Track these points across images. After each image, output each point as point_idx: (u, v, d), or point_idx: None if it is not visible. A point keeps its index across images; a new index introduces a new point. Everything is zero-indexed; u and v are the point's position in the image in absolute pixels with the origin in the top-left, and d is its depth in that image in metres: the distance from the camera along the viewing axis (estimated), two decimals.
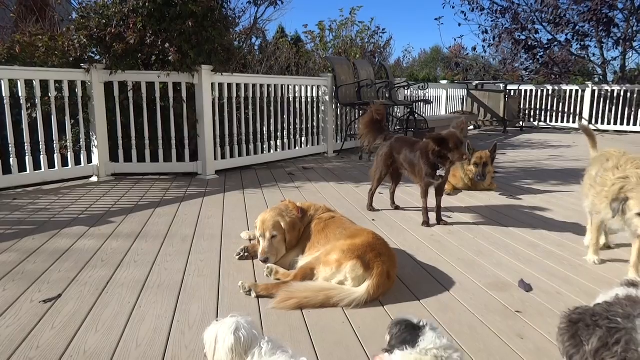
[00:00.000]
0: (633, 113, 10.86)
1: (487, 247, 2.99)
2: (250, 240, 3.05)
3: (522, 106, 12.12)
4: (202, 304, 2.18)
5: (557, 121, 11.84)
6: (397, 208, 3.96)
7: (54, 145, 4.71)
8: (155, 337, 1.88)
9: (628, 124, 10.92)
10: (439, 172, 3.40)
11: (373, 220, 3.61)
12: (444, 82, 12.04)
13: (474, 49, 14.92)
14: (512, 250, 2.95)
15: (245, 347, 1.42)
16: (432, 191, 3.56)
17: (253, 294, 2.23)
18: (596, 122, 11.25)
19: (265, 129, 6.18)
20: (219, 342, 1.43)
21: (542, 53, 13.25)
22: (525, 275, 2.52)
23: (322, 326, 1.97)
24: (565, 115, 11.70)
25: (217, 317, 2.03)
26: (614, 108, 11.03)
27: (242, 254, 2.75)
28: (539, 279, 2.49)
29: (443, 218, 3.58)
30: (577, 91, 11.42)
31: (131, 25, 4.77)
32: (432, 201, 3.55)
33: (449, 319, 2.05)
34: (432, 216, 3.53)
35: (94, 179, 5.05)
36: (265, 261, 2.56)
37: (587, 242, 2.88)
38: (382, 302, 2.18)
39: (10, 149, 4.40)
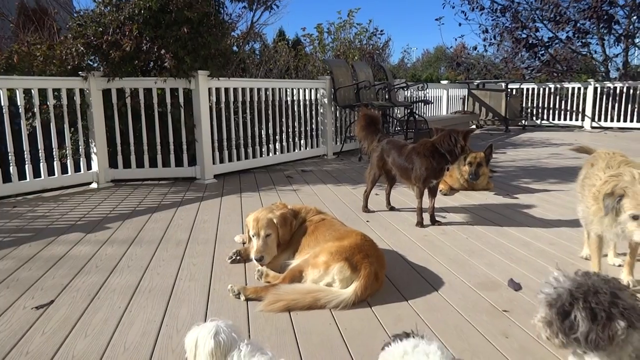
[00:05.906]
0: (636, 110, 10.78)
1: (479, 247, 2.99)
2: (243, 243, 3.07)
3: (524, 105, 12.08)
4: (191, 308, 2.20)
5: (559, 119, 11.79)
6: (392, 209, 3.97)
7: (54, 153, 4.76)
8: (143, 341, 1.90)
9: (632, 121, 10.85)
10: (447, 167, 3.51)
11: (367, 221, 3.62)
12: (445, 82, 12.02)
13: (475, 48, 14.89)
14: (505, 249, 2.94)
15: (225, 350, 1.43)
16: (425, 192, 3.56)
17: (242, 297, 2.25)
18: (599, 119, 11.20)
19: (263, 132, 6.21)
20: (200, 347, 1.44)
21: (543, 51, 13.21)
22: (516, 275, 2.52)
23: (308, 328, 1.98)
24: (568, 113, 11.65)
25: (205, 320, 2.05)
26: (617, 105, 10.96)
27: (234, 257, 2.77)
28: (529, 277, 2.49)
29: (437, 218, 3.58)
30: (579, 89, 11.37)
31: (127, 33, 4.82)
32: (426, 201, 3.56)
33: (435, 318, 2.05)
34: (427, 217, 3.54)
35: (94, 185, 5.10)
36: (260, 260, 2.54)
37: (584, 254, 2.75)
38: (369, 303, 2.19)
39: (10, 157, 4.45)
